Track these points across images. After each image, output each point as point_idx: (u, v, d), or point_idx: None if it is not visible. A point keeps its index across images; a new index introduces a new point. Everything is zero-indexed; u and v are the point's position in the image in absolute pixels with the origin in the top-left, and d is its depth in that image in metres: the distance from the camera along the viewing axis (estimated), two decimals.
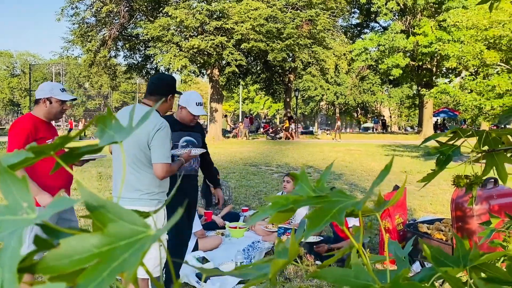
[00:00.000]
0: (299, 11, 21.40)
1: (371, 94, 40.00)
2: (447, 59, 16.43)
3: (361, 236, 0.63)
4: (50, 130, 3.03)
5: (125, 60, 25.97)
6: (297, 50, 21.41)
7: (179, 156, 2.94)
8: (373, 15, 31.52)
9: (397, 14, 28.31)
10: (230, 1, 20.05)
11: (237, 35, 19.34)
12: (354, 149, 17.84)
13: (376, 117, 47.96)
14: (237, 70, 20.95)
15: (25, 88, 50.48)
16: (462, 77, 15.33)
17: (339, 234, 4.48)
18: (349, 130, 55.08)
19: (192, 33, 20.45)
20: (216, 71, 22.67)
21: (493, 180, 3.67)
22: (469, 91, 12.54)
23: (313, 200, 0.50)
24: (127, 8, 21.50)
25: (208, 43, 19.35)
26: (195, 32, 20.61)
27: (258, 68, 26.41)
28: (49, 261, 0.31)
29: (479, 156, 0.89)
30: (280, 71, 27.06)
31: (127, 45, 24.15)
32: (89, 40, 22.41)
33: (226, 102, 51.76)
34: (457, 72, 25.77)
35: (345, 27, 34.69)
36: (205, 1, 20.36)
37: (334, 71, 32.61)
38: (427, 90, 19.66)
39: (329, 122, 60.72)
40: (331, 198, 0.49)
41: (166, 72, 21.41)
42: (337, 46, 26.15)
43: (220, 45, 19.88)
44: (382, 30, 31.01)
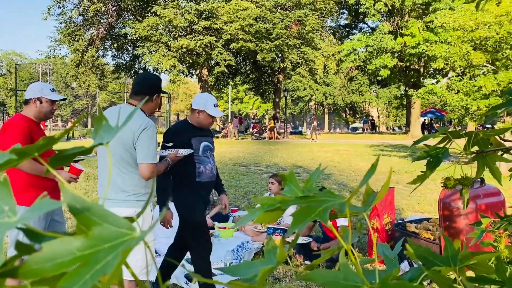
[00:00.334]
0: (288, 11, 21.46)
1: (360, 95, 40.27)
2: (434, 60, 16.61)
3: (350, 236, 0.63)
4: (40, 130, 3.03)
5: (113, 60, 25.83)
6: (286, 50, 21.47)
7: (166, 157, 2.91)
8: (362, 16, 31.75)
9: (385, 15, 28.55)
10: (219, 1, 20.04)
11: (226, 35, 19.34)
12: (343, 149, 17.94)
13: (366, 117, 48.30)
14: (226, 70, 20.95)
15: (11, 88, 49.78)
16: (449, 78, 15.51)
17: (328, 234, 4.50)
18: (338, 130, 55.37)
19: (181, 33, 20.40)
20: (205, 71, 22.63)
21: (479, 179, 3.72)
22: (456, 91, 12.69)
23: (300, 200, 0.50)
24: (115, 8, 21.36)
25: (197, 43, 19.31)
26: (184, 32, 20.56)
27: (247, 68, 26.44)
28: (31, 265, 0.30)
29: (469, 158, 0.89)
30: (269, 71, 27.11)
31: (115, 45, 24.00)
32: (76, 39, 22.21)
33: None
34: (444, 72, 26.05)
35: (333, 28, 34.88)
36: (193, 1, 20.32)
37: (323, 72, 32.77)
38: (415, 91, 19.85)
39: (319, 123, 60.96)
40: (318, 198, 0.49)
41: (155, 72, 21.32)
42: (325, 46, 26.30)
43: (209, 45, 19.86)
44: (370, 31, 31.22)
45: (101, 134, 0.44)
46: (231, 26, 19.07)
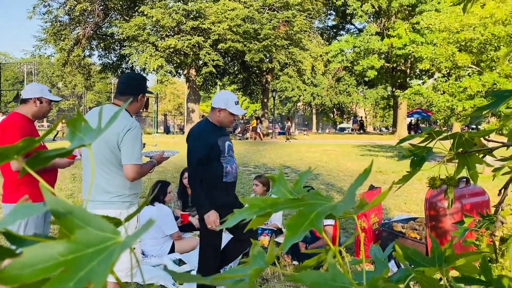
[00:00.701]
0: (276, 12, 21.49)
1: (347, 95, 40.52)
2: (420, 61, 16.77)
3: (338, 238, 0.63)
4: (36, 129, 3.10)
5: (99, 60, 25.58)
6: (274, 51, 21.50)
7: (151, 157, 2.89)
8: (349, 17, 31.94)
9: (372, 16, 28.77)
10: (207, 1, 19.98)
11: (214, 35, 19.29)
12: (331, 149, 18.01)
13: (355, 117, 48.59)
14: (214, 70, 20.90)
15: None
16: (435, 79, 15.68)
17: (315, 234, 4.51)
18: (327, 131, 55.63)
19: (169, 32, 20.29)
20: (193, 71, 22.54)
21: (465, 179, 3.76)
22: (442, 92, 12.83)
23: (290, 203, 0.50)
24: (101, 7, 21.17)
25: (184, 43, 19.23)
26: (171, 32, 20.45)
27: (236, 69, 26.41)
28: (11, 271, 0.29)
29: (452, 157, 0.90)
30: (257, 71, 27.12)
31: (102, 44, 23.77)
32: (62, 39, 21.96)
33: (203, 103, 51.52)
34: (430, 73, 26.32)
35: (321, 29, 35.02)
36: (181, 1, 20.23)
37: (310, 72, 32.90)
38: (401, 92, 20.04)
39: (306, 123, 61.23)
40: (308, 200, 0.48)
41: (142, 72, 21.19)
42: (313, 47, 26.40)
43: (197, 45, 19.79)
44: (358, 32, 31.42)
45: (81, 136, 0.43)
46: (219, 26, 19.03)
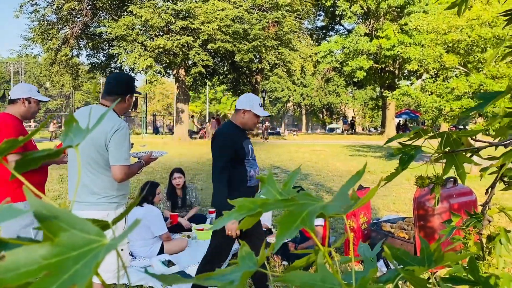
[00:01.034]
0: (265, 12, 21.49)
1: (336, 96, 40.72)
2: (408, 62, 16.92)
3: (327, 238, 0.62)
4: (25, 130, 3.10)
5: (88, 59, 25.34)
6: (264, 51, 21.50)
7: (139, 158, 2.87)
8: (338, 18, 32.11)
9: (361, 17, 28.95)
10: (196, 1, 19.91)
11: (203, 35, 19.23)
12: (320, 149, 18.08)
13: (344, 117, 48.82)
14: (203, 70, 20.83)
15: None
16: (423, 80, 15.82)
17: (305, 234, 4.52)
18: (318, 131, 55.82)
19: (158, 32, 20.17)
20: (182, 71, 22.44)
21: (452, 179, 3.80)
22: (430, 93, 12.95)
23: (281, 203, 0.49)
24: (89, 6, 20.97)
25: (174, 43, 19.13)
26: (160, 32, 20.34)
27: (225, 69, 26.35)
28: None
29: (440, 156, 0.91)
30: (247, 72, 27.09)
31: (90, 44, 23.53)
32: (49, 38, 21.69)
33: (192, 103, 51.36)
34: (418, 74, 26.56)
35: (310, 30, 35.14)
36: (170, 1, 20.13)
37: (300, 73, 32.95)
38: (390, 92, 20.18)
39: (296, 123, 61.38)
40: (298, 201, 0.48)
41: (131, 72, 21.03)
42: (303, 48, 26.45)
43: (186, 45, 19.71)
44: (347, 33, 31.60)
45: (71, 137, 0.42)
46: (208, 27, 18.97)
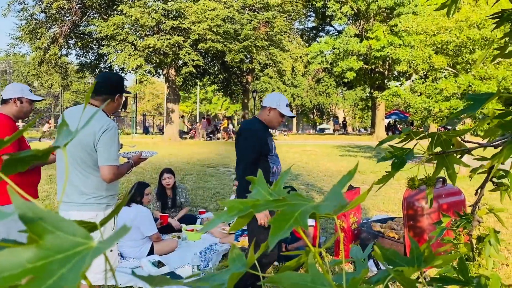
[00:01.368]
0: (256, 12, 21.49)
1: (327, 96, 40.82)
2: (398, 63, 17.05)
3: (318, 238, 0.62)
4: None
5: (77, 59, 25.15)
6: (254, 51, 21.50)
7: (129, 158, 2.85)
8: (328, 19, 32.22)
9: (351, 18, 29.08)
10: (186, 1, 19.84)
11: (194, 35, 19.17)
12: (310, 150, 18.13)
13: (335, 118, 48.99)
14: (194, 70, 20.77)
15: None
16: (412, 81, 15.95)
17: (295, 234, 4.52)
18: (311, 131, 55.95)
19: (148, 32, 20.07)
20: (172, 71, 22.35)
21: (441, 179, 3.83)
22: (419, 94, 13.05)
23: (271, 204, 0.49)
24: (79, 5, 20.78)
25: (164, 42, 19.05)
26: (150, 31, 20.24)
27: (216, 69, 26.30)
28: None
29: (431, 157, 0.91)
30: (237, 72, 27.06)
31: (79, 43, 23.33)
32: (38, 37, 21.46)
33: (183, 103, 51.17)
34: (407, 75, 26.78)
35: (301, 30, 35.21)
36: (161, 0, 20.04)
37: (291, 73, 33.03)
38: (380, 93, 20.32)
39: (286, 124, 61.44)
40: (290, 201, 0.48)
41: (121, 72, 20.90)
42: (293, 48, 26.51)
43: (177, 44, 19.63)
44: (337, 33, 31.71)
45: (59, 138, 0.42)
46: (199, 26, 18.92)
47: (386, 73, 29.85)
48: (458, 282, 0.61)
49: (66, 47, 23.27)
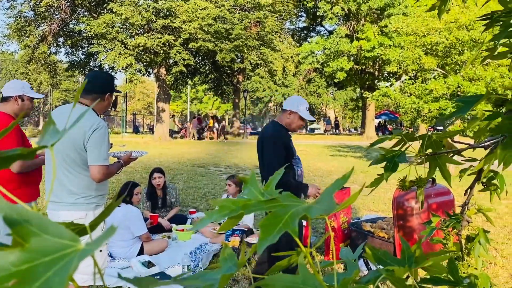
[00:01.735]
0: (247, 12, 21.48)
1: (317, 96, 40.98)
2: (388, 64, 17.14)
3: (309, 238, 0.62)
4: (20, 128, 3.08)
5: (66, 57, 24.88)
6: (245, 51, 21.48)
7: (119, 158, 2.83)
8: (319, 19, 32.28)
9: (342, 19, 29.18)
10: (177, 0, 19.75)
11: (184, 34, 19.09)
12: (301, 149, 18.17)
13: (326, 118, 49.14)
14: (184, 69, 20.69)
15: None
16: (402, 81, 16.06)
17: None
18: (299, 131, 56.01)
19: (138, 31, 19.94)
20: (163, 70, 22.25)
21: (431, 179, 3.86)
22: (409, 94, 13.16)
23: (263, 204, 0.49)
24: (68, 3, 20.59)
25: (154, 41, 18.95)
26: (141, 30, 20.12)
27: (207, 68, 26.22)
28: None
29: (422, 159, 0.91)
30: (228, 71, 27.03)
31: (69, 42, 23.11)
32: (27, 35, 21.22)
33: (173, 102, 50.95)
34: (397, 76, 26.96)
35: (292, 30, 35.27)
36: None
37: (282, 73, 33.08)
38: (370, 93, 20.44)
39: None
40: (281, 202, 0.47)
41: (111, 71, 20.74)
42: (284, 48, 26.55)
43: (167, 43, 19.54)
44: (328, 34, 31.81)
45: (46, 137, 0.41)
46: (190, 25, 18.85)
47: (376, 73, 30.01)
48: (448, 282, 0.62)
49: (55, 45, 23.04)
